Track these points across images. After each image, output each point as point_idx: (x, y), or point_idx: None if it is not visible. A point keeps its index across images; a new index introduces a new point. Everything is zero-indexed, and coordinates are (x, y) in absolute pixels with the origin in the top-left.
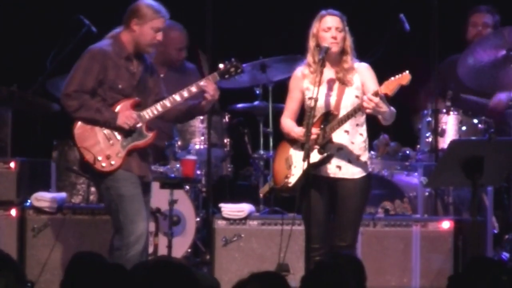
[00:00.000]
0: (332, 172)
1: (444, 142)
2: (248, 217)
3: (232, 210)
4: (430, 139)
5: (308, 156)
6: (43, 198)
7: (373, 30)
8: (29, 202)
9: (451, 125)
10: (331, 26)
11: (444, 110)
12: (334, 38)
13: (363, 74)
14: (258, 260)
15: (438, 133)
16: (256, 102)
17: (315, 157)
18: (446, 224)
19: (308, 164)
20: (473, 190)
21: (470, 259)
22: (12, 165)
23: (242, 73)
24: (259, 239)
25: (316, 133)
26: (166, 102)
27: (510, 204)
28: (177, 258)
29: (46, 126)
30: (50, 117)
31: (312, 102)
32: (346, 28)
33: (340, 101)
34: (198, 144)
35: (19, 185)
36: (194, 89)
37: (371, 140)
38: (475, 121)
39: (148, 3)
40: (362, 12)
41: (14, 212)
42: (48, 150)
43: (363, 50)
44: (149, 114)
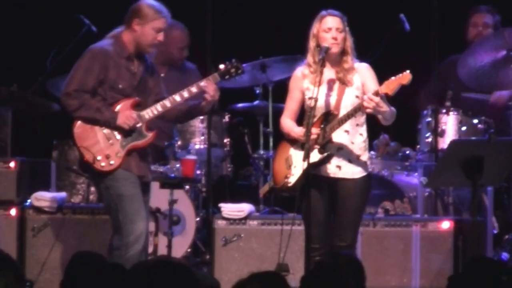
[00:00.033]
0: (332, 172)
1: (444, 142)
2: (248, 217)
3: (232, 210)
4: (430, 139)
5: (308, 156)
6: (43, 198)
7: (373, 30)
8: (29, 202)
9: (451, 125)
10: (332, 26)
11: (444, 110)
12: (334, 39)
13: (363, 74)
14: (258, 260)
15: (438, 133)
16: (256, 102)
17: (315, 156)
18: (446, 224)
19: (308, 164)
20: (473, 190)
21: (470, 259)
22: (12, 164)
23: (242, 73)
24: (259, 239)
25: (316, 133)
26: (166, 102)
27: (510, 204)
28: (177, 258)
29: (46, 126)
30: (50, 117)
31: (312, 102)
32: (347, 28)
33: (340, 101)
34: (198, 144)
35: (19, 184)
36: (195, 89)
37: (371, 140)
38: (475, 121)
39: (149, 3)
40: (362, 12)
41: (14, 211)
42: (48, 150)
43: (363, 50)
44: (149, 114)
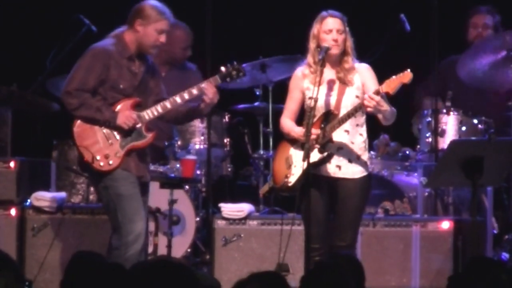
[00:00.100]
0: (332, 171)
1: (444, 142)
2: (248, 217)
3: (232, 210)
4: (430, 139)
5: (308, 156)
6: (43, 198)
7: (373, 30)
8: (28, 202)
9: (451, 125)
10: (332, 28)
11: (444, 110)
12: (335, 41)
13: (364, 75)
14: (257, 260)
15: (438, 133)
16: (256, 103)
17: (315, 156)
18: (446, 224)
19: (308, 163)
20: (473, 190)
21: (470, 259)
22: (12, 164)
23: (243, 76)
24: (259, 239)
25: (316, 133)
26: (167, 104)
27: (510, 204)
28: (176, 258)
29: (46, 126)
30: (50, 116)
31: (312, 102)
32: (347, 29)
33: (340, 100)
34: (198, 144)
35: (19, 184)
36: (195, 91)
37: (371, 140)
38: (475, 121)
39: (153, 4)
40: (362, 12)
41: (13, 211)
42: (48, 149)
43: (363, 50)
44: (149, 115)
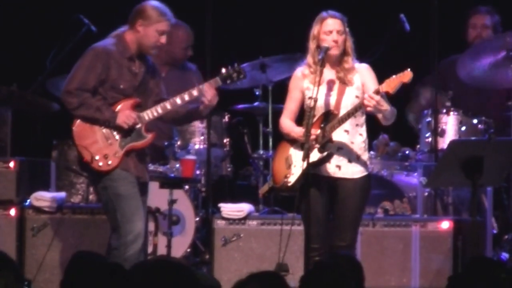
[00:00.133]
0: (332, 171)
1: (443, 142)
2: (247, 217)
3: (231, 210)
4: (430, 139)
5: (307, 156)
6: (43, 198)
7: (373, 30)
8: (28, 202)
9: (451, 125)
10: (333, 29)
11: (444, 110)
12: (335, 42)
13: (364, 75)
14: (257, 260)
15: (438, 133)
16: (256, 103)
17: (315, 156)
18: (446, 224)
19: (307, 164)
20: (472, 190)
21: (470, 259)
22: (11, 164)
23: (244, 78)
24: (259, 239)
25: (315, 133)
26: (167, 104)
27: (510, 204)
28: (176, 258)
29: (45, 126)
30: (49, 116)
31: (311, 102)
32: (347, 29)
33: (340, 100)
34: (198, 144)
35: (19, 184)
36: (195, 92)
37: (371, 140)
38: (475, 121)
39: (154, 5)
40: (362, 12)
41: (13, 211)
42: (47, 149)
43: (363, 50)
44: (149, 115)
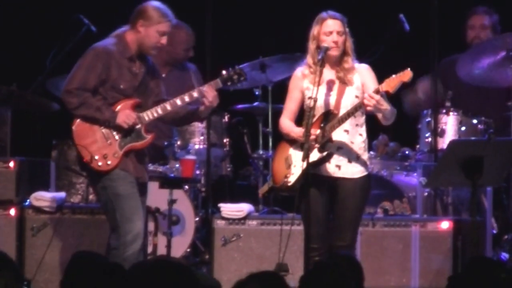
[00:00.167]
0: (331, 171)
1: (443, 142)
2: (247, 217)
3: (231, 210)
4: (430, 139)
5: (307, 156)
6: (43, 198)
7: (373, 30)
8: (28, 202)
9: (451, 125)
10: (333, 30)
11: (443, 110)
12: (335, 43)
13: (363, 75)
14: (257, 260)
15: (437, 133)
16: (255, 103)
17: (315, 156)
18: (445, 224)
19: (307, 163)
20: (472, 190)
21: (470, 259)
22: (11, 164)
23: (245, 81)
24: (258, 239)
25: (315, 133)
26: (167, 105)
27: (509, 204)
28: (176, 258)
29: (45, 126)
30: (49, 116)
31: (311, 102)
32: (347, 30)
33: (340, 100)
34: (198, 144)
35: (18, 184)
36: (196, 94)
37: (371, 140)
38: (475, 121)
39: (155, 6)
40: (362, 12)
41: (13, 211)
42: (47, 149)
43: (363, 50)
44: (149, 116)
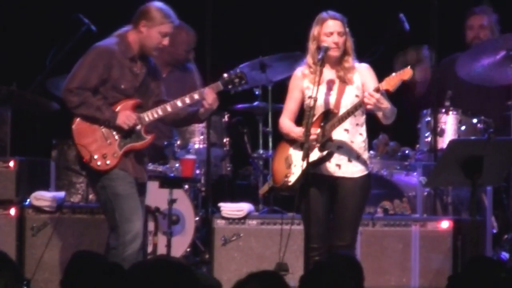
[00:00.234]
0: (331, 170)
1: (443, 142)
2: (247, 216)
3: (231, 209)
4: (429, 139)
5: (307, 155)
6: (43, 197)
7: (373, 30)
8: (28, 201)
9: (450, 124)
10: (333, 31)
11: (443, 110)
12: (336, 44)
13: (364, 74)
14: (257, 259)
15: (437, 132)
16: (255, 103)
17: (315, 155)
18: (445, 223)
19: (307, 163)
20: (472, 190)
21: (470, 259)
22: (11, 164)
23: (246, 84)
24: (258, 239)
25: (315, 133)
26: (167, 107)
27: (509, 204)
28: (176, 258)
29: (45, 125)
30: (49, 116)
31: (311, 102)
32: (347, 30)
33: (340, 99)
34: (198, 143)
35: (18, 184)
36: (196, 96)
37: (371, 139)
38: (474, 120)
39: (158, 7)
40: (362, 12)
41: (13, 211)
42: (47, 149)
43: (363, 50)
44: (149, 117)
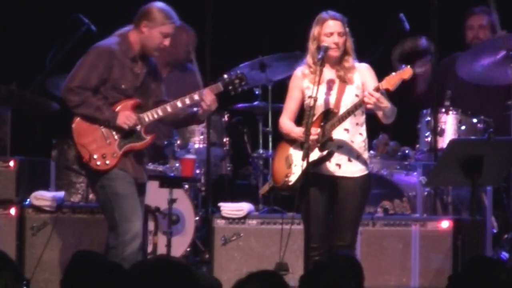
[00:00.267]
0: (332, 170)
1: (443, 142)
2: (247, 216)
3: (231, 209)
4: (429, 139)
5: (307, 155)
6: (43, 197)
7: (373, 30)
8: (28, 201)
9: (450, 124)
10: (334, 31)
11: (443, 110)
12: (336, 44)
13: (364, 74)
14: (257, 259)
15: (437, 132)
16: (255, 103)
17: (315, 155)
18: (445, 223)
19: (307, 163)
20: (472, 189)
21: (470, 259)
22: (11, 164)
23: (246, 85)
24: (258, 238)
25: (316, 133)
26: (167, 107)
27: (509, 203)
28: (176, 257)
29: (45, 125)
30: (49, 116)
31: (311, 101)
32: (347, 30)
33: (340, 99)
34: (198, 143)
35: (18, 184)
36: (196, 97)
37: (371, 139)
38: (474, 120)
39: (160, 7)
40: (362, 12)
41: (13, 211)
42: (47, 149)
43: (363, 50)
44: (149, 117)
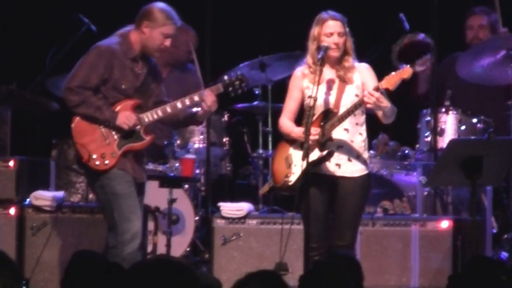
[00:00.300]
0: (331, 170)
1: (443, 142)
2: (247, 216)
3: (231, 209)
4: (429, 139)
5: (307, 155)
6: (42, 197)
7: (373, 29)
8: (28, 201)
9: (450, 124)
10: (334, 31)
11: (443, 110)
12: (336, 44)
13: (364, 74)
14: (257, 259)
15: (437, 132)
16: (255, 103)
17: (315, 154)
18: (445, 223)
19: (307, 163)
20: (472, 189)
21: (470, 259)
22: (11, 163)
23: (247, 87)
24: (258, 238)
25: (316, 133)
26: (167, 108)
27: (509, 203)
28: (176, 257)
29: (45, 125)
30: (49, 115)
31: (311, 101)
32: (347, 30)
33: (340, 99)
34: (197, 143)
35: (18, 183)
36: (196, 98)
37: (371, 139)
38: (474, 120)
39: (161, 8)
40: (362, 12)
41: (13, 210)
42: (47, 148)
43: (363, 50)
44: (148, 117)
